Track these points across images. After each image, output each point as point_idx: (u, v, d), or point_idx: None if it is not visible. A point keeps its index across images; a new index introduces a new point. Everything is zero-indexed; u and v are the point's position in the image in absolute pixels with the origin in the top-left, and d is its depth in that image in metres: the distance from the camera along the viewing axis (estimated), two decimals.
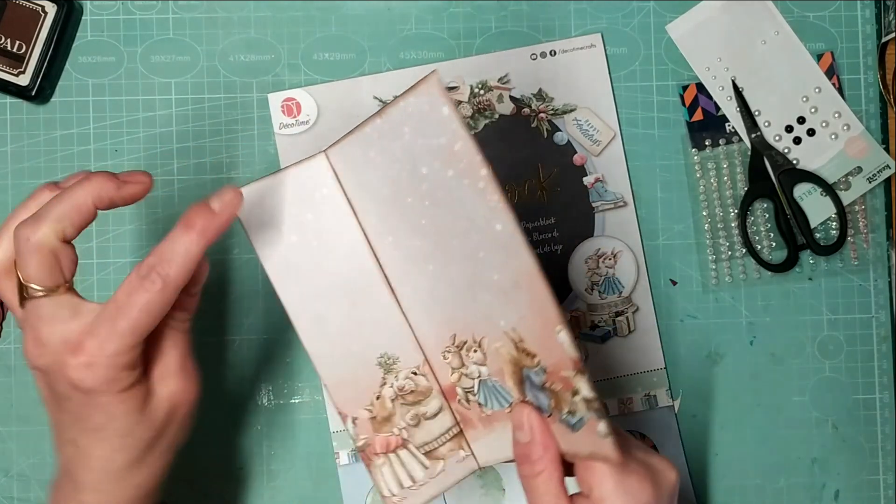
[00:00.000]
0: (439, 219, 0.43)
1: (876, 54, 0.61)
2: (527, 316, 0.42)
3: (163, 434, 0.43)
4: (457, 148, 0.41)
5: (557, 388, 0.42)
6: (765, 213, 0.61)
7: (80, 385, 0.40)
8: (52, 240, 0.40)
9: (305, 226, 0.45)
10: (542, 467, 0.42)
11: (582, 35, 0.61)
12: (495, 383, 0.45)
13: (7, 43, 0.57)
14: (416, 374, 0.46)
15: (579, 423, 0.42)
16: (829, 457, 0.61)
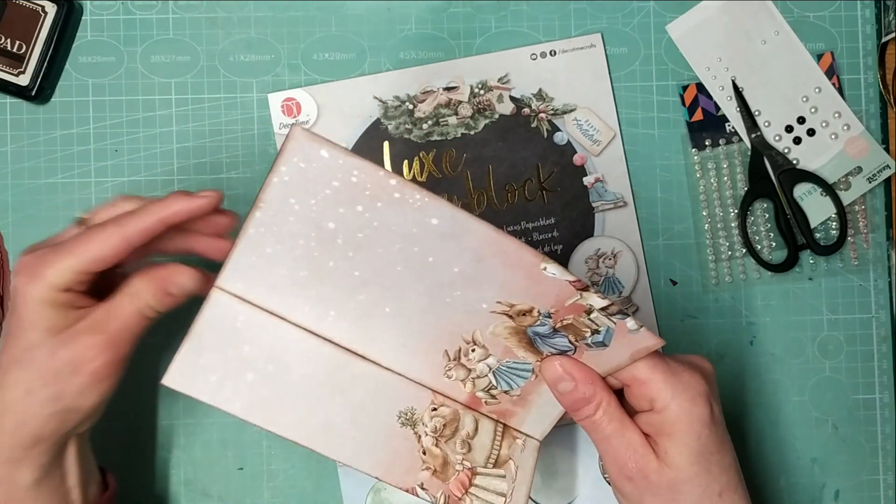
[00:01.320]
0: (372, 259, 0.41)
1: (876, 54, 0.61)
2: (506, 279, 0.42)
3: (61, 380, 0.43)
4: (355, 180, 0.39)
5: (569, 320, 0.42)
6: (765, 213, 0.61)
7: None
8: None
9: (250, 358, 0.43)
10: (598, 401, 0.43)
11: (582, 35, 0.61)
12: (508, 363, 0.44)
13: (7, 43, 0.57)
14: (436, 409, 0.46)
15: (607, 335, 0.42)
16: (829, 457, 0.61)
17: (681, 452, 0.43)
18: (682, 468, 0.43)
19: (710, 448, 0.44)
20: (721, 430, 0.45)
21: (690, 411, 0.43)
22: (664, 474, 0.43)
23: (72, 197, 0.59)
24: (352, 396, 0.44)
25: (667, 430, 0.43)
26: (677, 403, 0.43)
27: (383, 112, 0.60)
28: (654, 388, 0.43)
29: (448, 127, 0.60)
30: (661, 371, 0.43)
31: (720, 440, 0.45)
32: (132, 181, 0.59)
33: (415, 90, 0.60)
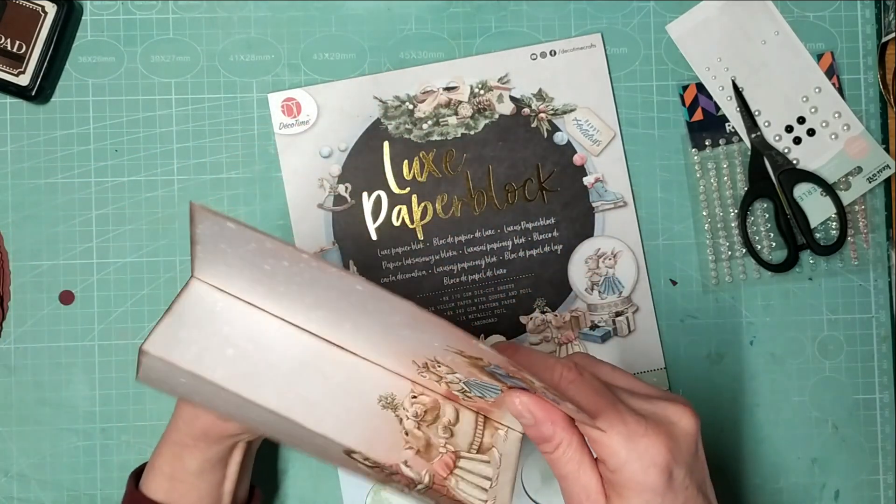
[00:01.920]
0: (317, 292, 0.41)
1: (876, 54, 0.61)
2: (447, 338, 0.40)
3: None
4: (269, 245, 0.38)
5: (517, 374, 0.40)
6: (765, 213, 0.61)
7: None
8: None
9: (230, 337, 0.43)
10: (557, 441, 0.41)
11: (582, 35, 0.61)
12: (476, 381, 0.44)
13: (7, 43, 0.57)
14: (416, 397, 0.46)
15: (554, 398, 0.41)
16: (829, 457, 0.61)
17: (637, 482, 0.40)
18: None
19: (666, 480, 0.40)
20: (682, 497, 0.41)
21: (642, 481, 0.40)
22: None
23: (72, 197, 0.59)
24: (332, 378, 0.45)
25: (617, 490, 0.41)
26: (629, 469, 0.40)
27: (383, 112, 0.60)
28: (607, 450, 0.40)
29: (448, 127, 0.60)
30: (617, 433, 0.40)
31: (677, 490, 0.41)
32: (132, 181, 0.59)
33: (415, 90, 0.60)
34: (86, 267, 0.59)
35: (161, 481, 0.49)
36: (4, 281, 0.59)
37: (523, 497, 0.59)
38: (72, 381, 0.59)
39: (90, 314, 0.59)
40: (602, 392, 0.40)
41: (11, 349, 0.59)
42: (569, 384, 0.40)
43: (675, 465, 0.40)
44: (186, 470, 0.49)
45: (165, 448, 0.50)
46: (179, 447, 0.49)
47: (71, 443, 0.58)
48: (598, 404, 0.40)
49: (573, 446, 0.41)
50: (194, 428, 0.49)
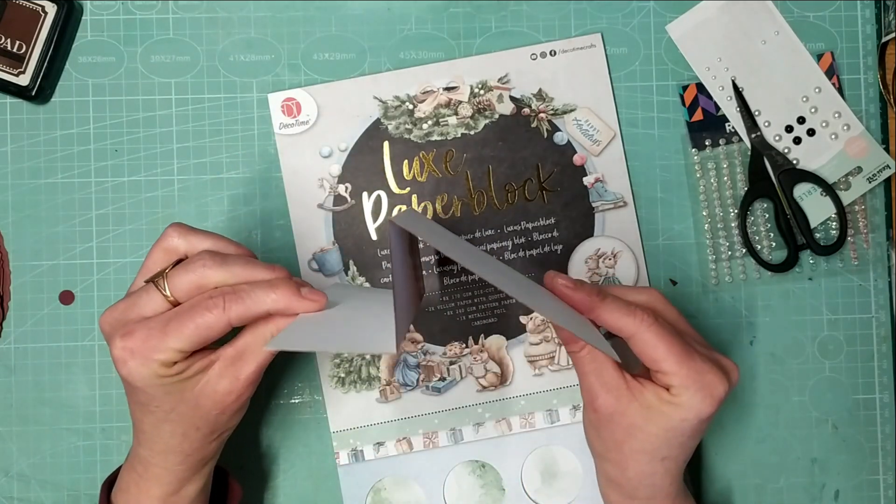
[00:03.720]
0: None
1: (876, 54, 0.61)
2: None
3: (211, 420, 0.47)
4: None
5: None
6: (765, 213, 0.61)
7: (117, 367, 0.44)
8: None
9: None
10: (582, 343, 0.47)
11: (582, 35, 0.61)
12: None
13: (7, 43, 0.57)
14: None
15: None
16: (829, 457, 0.61)
17: (659, 417, 0.46)
18: (649, 425, 0.47)
19: (684, 430, 0.47)
20: (705, 427, 0.48)
21: (698, 407, 0.46)
22: (629, 418, 0.47)
23: (72, 197, 0.59)
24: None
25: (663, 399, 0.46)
26: (689, 395, 0.46)
27: (383, 112, 0.60)
28: (676, 380, 0.46)
29: (448, 127, 0.60)
30: (687, 367, 0.45)
31: (699, 432, 0.48)
32: (132, 181, 0.59)
33: (415, 90, 0.60)
34: (86, 267, 0.59)
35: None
36: (4, 281, 0.59)
37: (523, 497, 0.59)
38: (72, 381, 0.59)
39: (90, 314, 0.59)
40: (674, 334, 0.46)
41: (11, 349, 0.59)
42: (648, 327, 0.46)
43: (720, 405, 0.46)
44: (186, 497, 0.49)
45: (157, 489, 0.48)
46: (177, 484, 0.48)
47: (71, 443, 0.58)
48: (671, 344, 0.45)
49: (596, 352, 0.47)
50: (192, 463, 0.48)
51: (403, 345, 0.59)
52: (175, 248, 0.47)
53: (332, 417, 0.59)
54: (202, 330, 0.43)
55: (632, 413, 0.47)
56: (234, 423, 0.48)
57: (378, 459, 0.59)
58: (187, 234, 0.47)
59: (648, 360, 0.46)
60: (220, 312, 0.43)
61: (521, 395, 0.59)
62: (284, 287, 0.44)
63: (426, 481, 0.59)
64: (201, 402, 0.45)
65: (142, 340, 0.43)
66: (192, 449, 0.47)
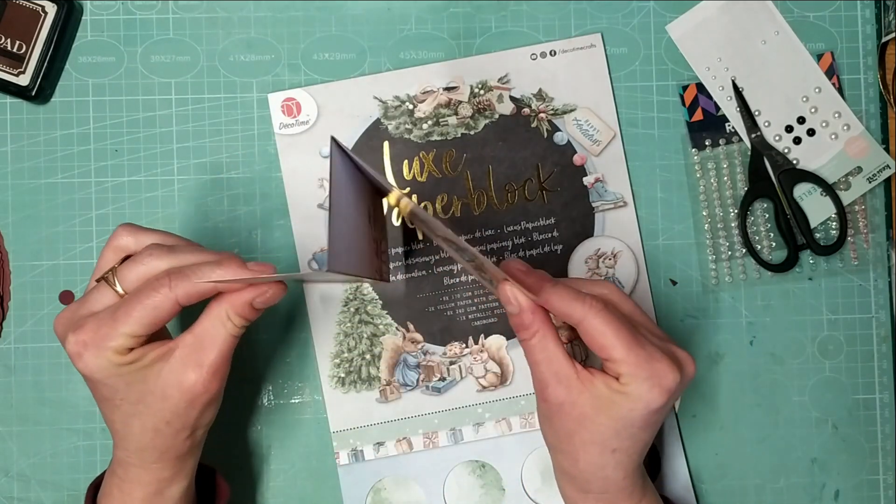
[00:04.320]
0: None
1: (876, 54, 0.61)
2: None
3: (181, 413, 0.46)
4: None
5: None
6: (765, 213, 0.61)
7: (74, 362, 0.44)
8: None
9: None
10: (535, 330, 0.47)
11: (582, 35, 0.61)
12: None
13: (7, 43, 0.57)
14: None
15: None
16: (829, 457, 0.61)
17: (608, 407, 0.46)
18: (598, 415, 0.46)
19: (633, 421, 0.46)
20: (657, 419, 0.47)
21: (646, 397, 0.45)
22: (580, 408, 0.46)
23: (72, 197, 0.59)
24: None
25: (612, 387, 0.46)
26: (638, 384, 0.45)
27: (383, 112, 0.60)
28: (624, 368, 0.45)
29: (448, 127, 0.60)
30: (636, 355, 0.45)
31: (648, 425, 0.47)
32: (132, 181, 0.59)
33: (415, 90, 0.60)
34: (86, 267, 0.59)
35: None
36: (4, 281, 0.59)
37: (523, 497, 0.59)
38: (72, 381, 0.59)
39: None
40: (624, 322, 0.46)
41: (11, 349, 0.59)
42: (597, 313, 0.45)
43: (671, 396, 0.46)
44: (169, 498, 0.49)
45: (139, 490, 0.48)
46: (157, 484, 0.48)
47: (71, 443, 0.58)
48: (619, 331, 0.45)
49: (548, 337, 0.47)
50: (169, 461, 0.47)
51: (403, 344, 0.59)
52: (125, 246, 0.47)
53: (332, 417, 0.59)
54: (150, 311, 0.43)
55: (582, 403, 0.46)
56: (208, 418, 0.48)
57: (378, 459, 0.59)
58: (136, 232, 0.48)
59: (597, 348, 0.45)
60: (167, 291, 0.43)
61: (521, 395, 0.59)
62: (229, 262, 0.44)
63: (426, 481, 0.59)
64: (168, 392, 0.45)
65: (92, 331, 0.44)
66: (165, 446, 0.47)
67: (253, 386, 0.59)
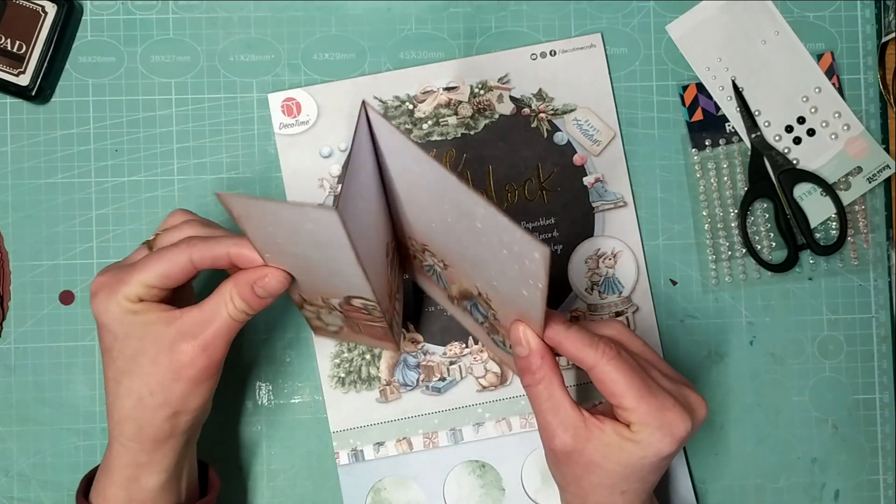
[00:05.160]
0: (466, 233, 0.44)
1: (876, 54, 0.61)
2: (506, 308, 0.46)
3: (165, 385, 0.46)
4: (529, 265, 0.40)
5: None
6: (765, 213, 0.61)
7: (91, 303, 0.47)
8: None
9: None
10: (541, 376, 0.46)
11: (582, 35, 0.61)
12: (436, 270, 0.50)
13: (7, 43, 0.57)
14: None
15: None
16: (829, 457, 0.61)
17: (618, 454, 0.45)
18: (609, 462, 0.46)
19: (643, 467, 0.46)
20: (667, 463, 0.47)
21: (657, 446, 0.45)
22: (588, 455, 0.46)
23: (72, 197, 0.59)
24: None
25: (623, 436, 0.45)
26: (649, 433, 0.44)
27: (383, 112, 0.60)
28: (635, 417, 0.44)
29: (448, 127, 0.60)
30: (647, 404, 0.44)
31: (658, 469, 0.47)
32: (132, 181, 0.59)
33: (415, 90, 0.60)
34: (86, 267, 0.59)
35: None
36: (4, 281, 0.59)
37: (523, 497, 0.59)
38: (72, 381, 0.59)
39: (90, 314, 0.59)
40: (636, 369, 0.45)
41: (11, 349, 0.59)
42: (609, 360, 0.45)
43: (682, 444, 0.45)
44: (146, 489, 0.48)
45: (117, 474, 0.48)
46: (133, 468, 0.48)
47: (71, 443, 0.59)
48: (632, 379, 0.44)
49: (554, 383, 0.46)
50: (145, 441, 0.47)
51: (403, 345, 0.59)
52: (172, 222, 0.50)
53: (332, 417, 0.59)
54: (165, 263, 0.46)
55: (590, 451, 0.45)
56: (193, 403, 0.47)
57: (378, 459, 0.59)
58: (187, 214, 0.50)
59: (608, 394, 0.45)
60: (184, 247, 0.46)
61: (521, 395, 0.59)
62: (247, 242, 0.46)
63: (426, 481, 0.59)
64: (159, 358, 0.46)
65: (112, 276, 0.47)
66: (144, 419, 0.47)
67: (253, 386, 0.59)
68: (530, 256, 0.40)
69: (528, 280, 0.42)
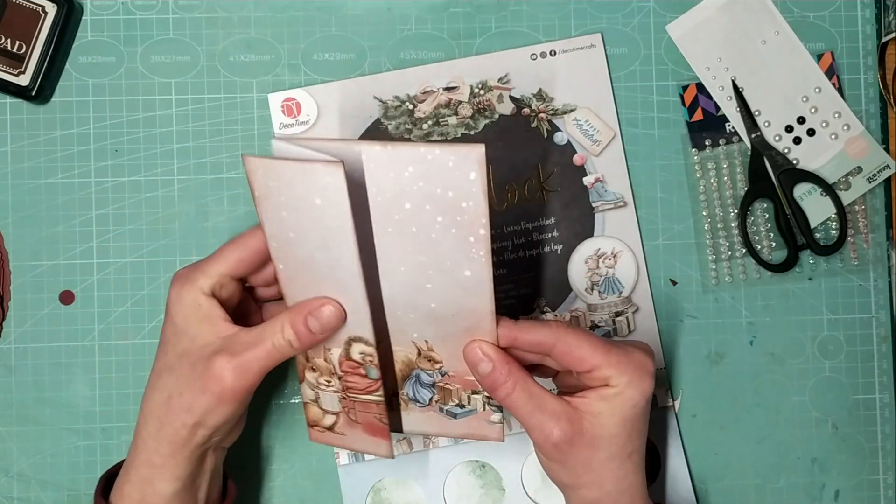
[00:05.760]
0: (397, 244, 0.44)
1: (876, 54, 0.61)
2: (453, 335, 0.47)
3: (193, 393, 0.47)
4: (464, 205, 0.42)
5: (452, 387, 0.50)
6: (765, 213, 0.61)
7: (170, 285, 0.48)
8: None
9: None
10: (514, 379, 0.47)
11: (582, 35, 0.61)
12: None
13: (7, 43, 0.57)
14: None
15: (465, 413, 0.50)
16: (829, 457, 0.61)
17: (612, 415, 0.47)
18: (608, 427, 0.47)
19: (637, 418, 0.47)
20: (649, 406, 0.49)
21: (639, 386, 0.47)
22: (588, 434, 0.47)
23: (72, 197, 0.59)
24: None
25: (607, 397, 0.47)
26: (628, 379, 0.46)
27: (383, 112, 0.60)
28: (609, 370, 0.46)
29: (448, 127, 0.60)
30: (614, 355, 0.46)
31: (646, 414, 0.48)
32: (132, 181, 0.59)
33: (415, 90, 0.60)
34: (86, 267, 0.59)
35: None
36: (4, 281, 0.59)
37: (523, 497, 0.59)
38: (72, 381, 0.59)
39: (90, 314, 0.59)
40: (590, 332, 0.48)
41: (11, 349, 0.59)
42: (566, 330, 0.46)
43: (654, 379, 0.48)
44: (159, 493, 0.48)
45: (133, 472, 0.48)
46: (148, 469, 0.48)
47: (71, 443, 0.59)
48: (591, 339, 0.47)
49: (528, 381, 0.47)
50: (161, 443, 0.47)
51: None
52: None
53: None
54: (239, 248, 0.48)
55: (588, 427, 0.47)
56: (214, 420, 0.47)
57: (378, 459, 0.59)
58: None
59: (576, 362, 0.46)
60: (256, 231, 0.47)
61: None
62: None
63: (426, 481, 0.59)
64: (197, 364, 0.46)
65: (192, 267, 0.48)
66: (166, 419, 0.47)
67: None
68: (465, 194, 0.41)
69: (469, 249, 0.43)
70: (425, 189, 0.42)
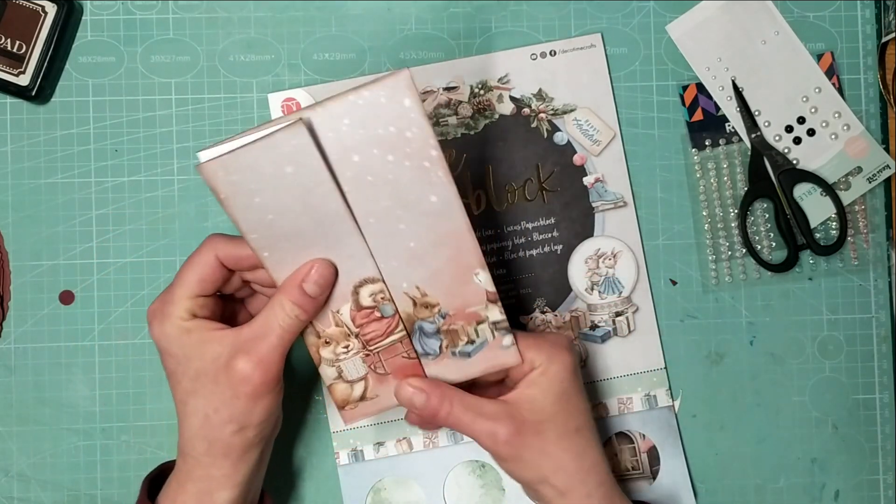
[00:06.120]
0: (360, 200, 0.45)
1: (876, 54, 0.61)
2: (440, 269, 0.47)
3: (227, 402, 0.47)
4: (409, 135, 0.43)
5: (456, 326, 0.49)
6: (765, 213, 0.61)
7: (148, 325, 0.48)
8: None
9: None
10: (447, 399, 0.49)
11: (582, 35, 0.61)
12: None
13: (7, 43, 0.57)
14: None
15: (477, 347, 0.50)
16: (829, 457, 0.61)
17: (545, 396, 0.48)
18: (546, 407, 0.48)
19: (569, 391, 0.49)
20: (579, 379, 0.50)
21: (561, 360, 0.49)
22: (531, 421, 0.48)
23: (72, 197, 0.59)
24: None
25: (534, 380, 0.49)
26: (548, 357, 0.49)
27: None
28: (528, 354, 0.49)
29: (448, 127, 0.60)
30: (530, 339, 0.49)
31: (578, 387, 0.50)
32: (132, 181, 0.59)
33: None
34: (86, 267, 0.59)
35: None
36: (4, 281, 0.59)
37: (523, 497, 0.59)
38: (72, 381, 0.59)
39: (90, 314, 0.59)
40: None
41: (11, 349, 0.59)
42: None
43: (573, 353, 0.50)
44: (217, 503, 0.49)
45: (191, 485, 0.48)
46: (207, 482, 0.48)
47: (71, 443, 0.59)
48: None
49: (460, 394, 0.49)
50: (216, 456, 0.48)
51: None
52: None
53: (332, 417, 0.59)
54: (195, 268, 0.47)
55: (528, 415, 0.48)
56: (257, 417, 0.47)
57: (378, 459, 0.59)
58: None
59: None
60: (208, 246, 0.48)
61: None
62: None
63: (426, 481, 0.59)
64: (219, 377, 0.46)
65: (160, 300, 0.48)
66: (213, 436, 0.47)
67: None
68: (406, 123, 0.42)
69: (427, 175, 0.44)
70: (367, 135, 0.43)
